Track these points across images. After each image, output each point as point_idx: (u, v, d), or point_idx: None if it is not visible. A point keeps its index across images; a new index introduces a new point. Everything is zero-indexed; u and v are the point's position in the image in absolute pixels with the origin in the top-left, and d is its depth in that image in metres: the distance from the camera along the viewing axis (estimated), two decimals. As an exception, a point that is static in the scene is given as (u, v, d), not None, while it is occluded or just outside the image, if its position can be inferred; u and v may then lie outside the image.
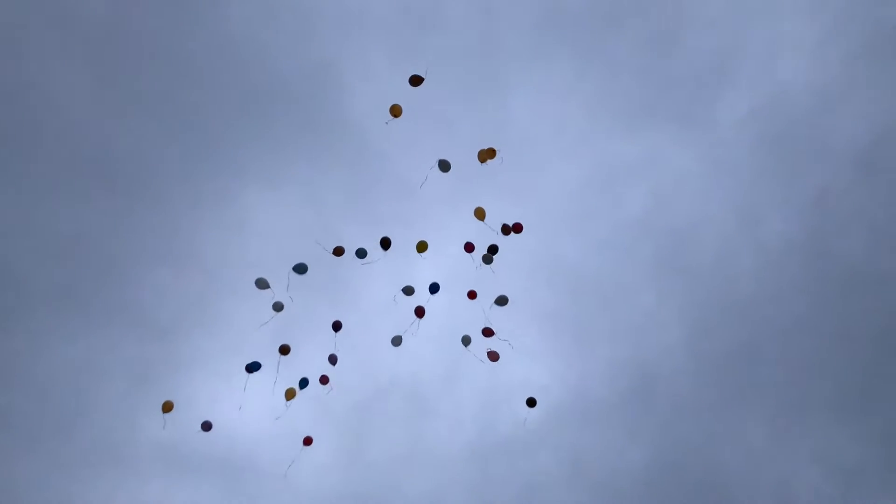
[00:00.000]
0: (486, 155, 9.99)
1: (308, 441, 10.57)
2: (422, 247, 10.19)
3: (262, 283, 10.08)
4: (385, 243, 10.18)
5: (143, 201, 12.28)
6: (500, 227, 10.32)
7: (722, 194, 13.60)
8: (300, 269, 10.15)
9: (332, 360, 10.27)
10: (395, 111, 9.93)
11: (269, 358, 10.37)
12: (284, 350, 10.25)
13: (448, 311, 11.22)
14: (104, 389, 12.24)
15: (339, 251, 10.20)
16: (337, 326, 10.37)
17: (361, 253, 10.21)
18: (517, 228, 10.39)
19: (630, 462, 13.69)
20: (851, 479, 13.53)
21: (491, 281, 11.75)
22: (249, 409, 12.34)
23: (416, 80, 9.74)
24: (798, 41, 13.17)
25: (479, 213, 10.20)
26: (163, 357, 12.49)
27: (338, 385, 12.17)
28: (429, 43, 12.94)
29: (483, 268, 10.58)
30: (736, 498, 13.47)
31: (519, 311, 13.73)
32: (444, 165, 9.97)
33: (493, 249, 10.49)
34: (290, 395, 10.11)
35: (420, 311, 10.35)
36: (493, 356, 10.35)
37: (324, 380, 10.37)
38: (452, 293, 11.01)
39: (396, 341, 10.40)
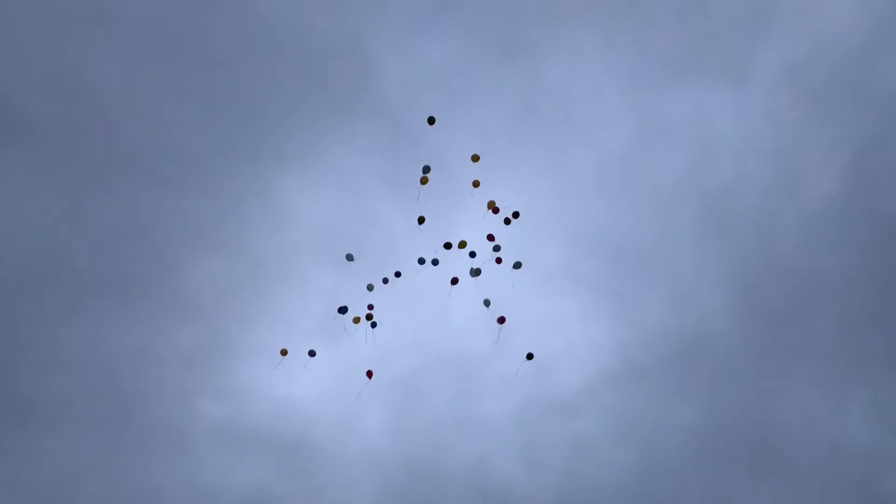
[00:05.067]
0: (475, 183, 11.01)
1: (370, 374, 11.52)
2: (462, 245, 11.21)
3: (349, 258, 11.35)
4: (447, 246, 11.17)
5: (189, 192, 12.65)
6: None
7: (762, 150, 13.26)
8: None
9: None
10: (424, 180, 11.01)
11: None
12: (370, 315, 11.38)
13: (486, 286, 11.38)
14: (160, 374, 12.75)
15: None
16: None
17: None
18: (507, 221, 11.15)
19: (679, 423, 13.71)
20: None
21: (528, 249, 11.93)
22: (303, 385, 12.84)
23: (431, 121, 11.03)
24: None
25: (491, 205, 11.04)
26: (214, 342, 12.95)
27: (387, 358, 12.58)
28: (457, 15, 12.78)
29: (522, 231, 11.26)
30: (789, 455, 13.42)
31: (560, 279, 13.80)
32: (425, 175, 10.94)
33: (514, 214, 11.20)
34: (356, 321, 11.31)
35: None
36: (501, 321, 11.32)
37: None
38: (489, 269, 11.25)
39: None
